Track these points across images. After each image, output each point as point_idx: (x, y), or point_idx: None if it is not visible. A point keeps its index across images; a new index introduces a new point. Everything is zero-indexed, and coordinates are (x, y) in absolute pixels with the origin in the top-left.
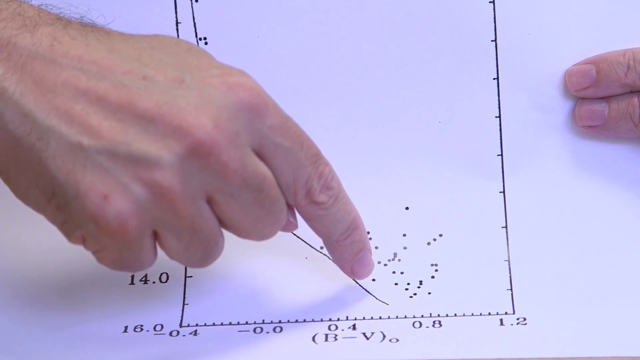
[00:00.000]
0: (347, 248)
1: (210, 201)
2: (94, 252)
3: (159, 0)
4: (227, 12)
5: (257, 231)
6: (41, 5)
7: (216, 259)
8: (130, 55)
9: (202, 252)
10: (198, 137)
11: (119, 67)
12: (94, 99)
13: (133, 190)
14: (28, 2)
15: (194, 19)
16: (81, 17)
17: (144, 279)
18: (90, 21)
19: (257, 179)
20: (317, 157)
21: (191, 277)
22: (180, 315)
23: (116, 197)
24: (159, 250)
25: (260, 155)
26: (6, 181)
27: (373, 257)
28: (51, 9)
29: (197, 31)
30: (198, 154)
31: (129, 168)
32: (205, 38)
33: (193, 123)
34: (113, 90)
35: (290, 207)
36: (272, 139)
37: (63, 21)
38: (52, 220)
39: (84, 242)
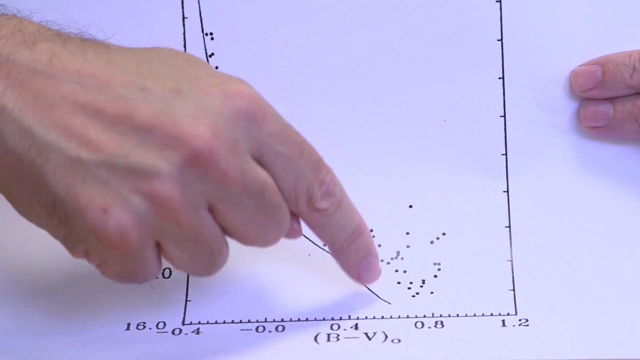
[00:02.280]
0: (352, 254)
1: (212, 210)
2: (98, 265)
3: None
4: (234, 8)
5: (260, 238)
6: (42, 21)
7: (221, 267)
8: (129, 67)
9: (207, 261)
10: (196, 146)
11: (117, 80)
12: (92, 113)
13: (133, 202)
14: (28, 18)
15: (200, 14)
16: (81, 32)
17: None
18: (90, 36)
19: (258, 185)
20: (318, 164)
21: None
22: (183, 312)
23: (116, 210)
24: None
25: (260, 163)
26: (8, 198)
27: None
28: (51, 25)
29: (203, 26)
30: (196, 163)
31: (128, 180)
32: (211, 33)
33: (190, 132)
34: (111, 103)
35: (293, 214)
36: (272, 147)
37: (62, 37)
38: (55, 234)
39: (86, 255)
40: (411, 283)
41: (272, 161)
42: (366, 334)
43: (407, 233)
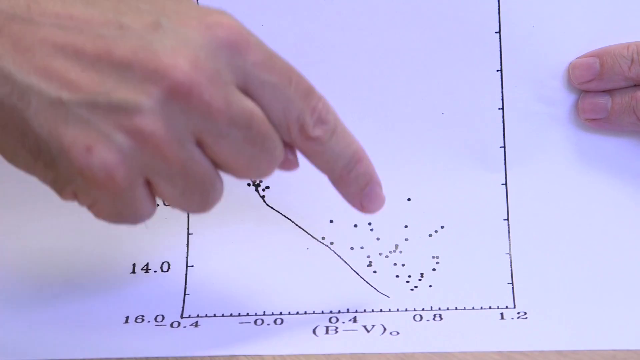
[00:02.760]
0: (352, 183)
1: (200, 143)
2: (89, 207)
3: None
4: (231, 1)
5: (253, 170)
6: None
7: (216, 202)
8: (107, 6)
9: (200, 196)
10: (175, 78)
11: (95, 19)
12: (71, 53)
13: (116, 139)
14: None
15: None
16: None
17: (145, 268)
18: None
19: (245, 116)
20: (308, 92)
21: (192, 266)
22: (182, 305)
23: (100, 148)
24: (160, 242)
25: (247, 93)
26: None
27: (374, 247)
28: None
29: None
30: (178, 96)
31: (110, 118)
32: None
33: (169, 64)
34: (90, 43)
35: (289, 145)
36: (257, 76)
37: None
38: (43, 179)
39: (76, 197)
40: (410, 276)
41: (258, 91)
42: (365, 326)
43: (406, 226)
